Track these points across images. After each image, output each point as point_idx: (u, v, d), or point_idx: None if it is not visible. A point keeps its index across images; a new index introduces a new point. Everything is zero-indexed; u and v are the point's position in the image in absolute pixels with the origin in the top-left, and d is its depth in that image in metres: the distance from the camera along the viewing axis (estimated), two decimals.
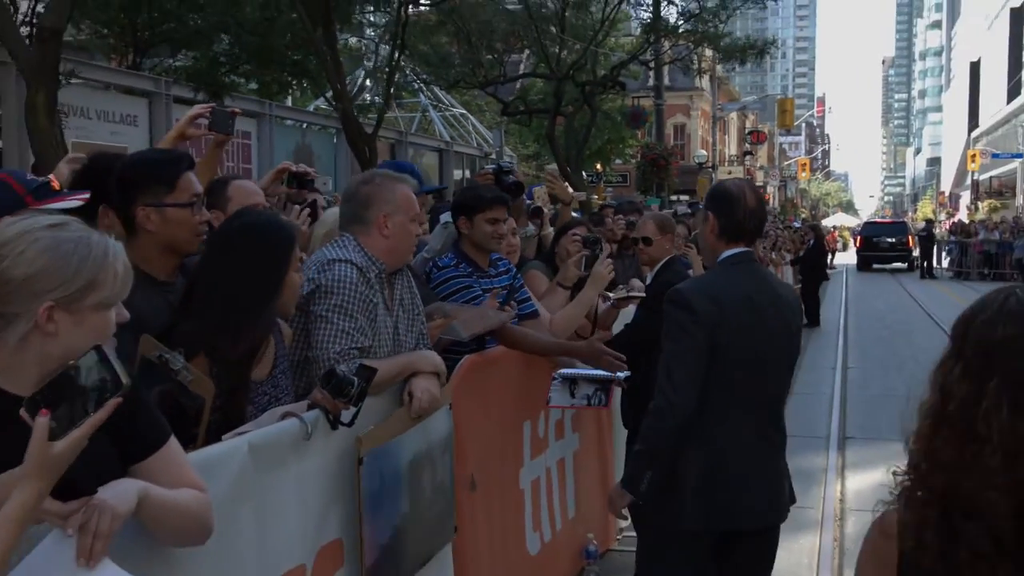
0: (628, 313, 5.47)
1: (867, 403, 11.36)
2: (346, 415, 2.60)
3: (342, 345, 2.89)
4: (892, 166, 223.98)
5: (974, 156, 54.68)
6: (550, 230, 6.18)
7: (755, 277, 3.37)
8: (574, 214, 6.60)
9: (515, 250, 4.86)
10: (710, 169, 46.11)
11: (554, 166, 6.60)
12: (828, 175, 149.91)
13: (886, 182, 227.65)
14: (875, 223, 40.34)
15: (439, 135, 30.90)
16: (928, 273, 34.02)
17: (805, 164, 58.82)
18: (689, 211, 12.53)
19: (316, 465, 2.56)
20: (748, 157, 57.37)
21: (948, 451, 1.48)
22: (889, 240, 37.82)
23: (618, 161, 40.52)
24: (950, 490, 1.47)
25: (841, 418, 10.38)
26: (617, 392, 4.37)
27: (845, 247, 53.64)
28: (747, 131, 55.36)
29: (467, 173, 30.47)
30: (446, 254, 4.24)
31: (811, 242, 20.53)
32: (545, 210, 6.64)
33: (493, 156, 29.42)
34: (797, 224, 28.56)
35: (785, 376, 3.47)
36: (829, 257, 37.75)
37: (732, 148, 66.03)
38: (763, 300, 3.31)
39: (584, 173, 30.16)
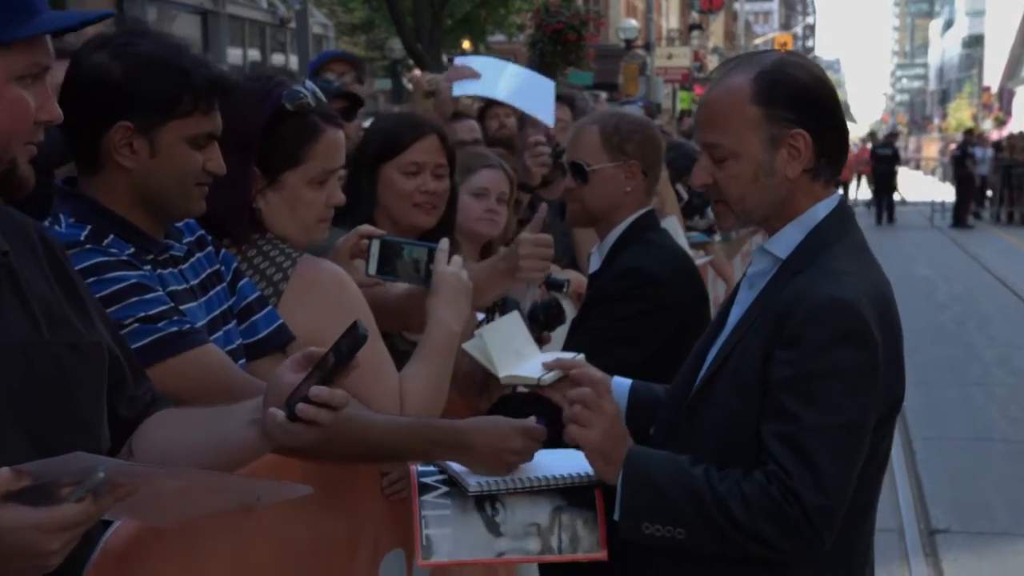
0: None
1: (951, 455, 10.80)
2: None
3: None
4: (908, 49, 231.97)
5: None
6: None
7: (868, 251, 3.28)
8: None
9: (496, 223, 5.10)
10: (642, 51, 46.16)
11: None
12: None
13: (899, 73, 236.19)
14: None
15: None
16: (960, 220, 35.64)
17: (785, 43, 59.13)
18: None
19: None
20: (697, 33, 57.95)
21: None
22: None
23: (499, 37, 40.78)
24: None
25: (915, 490, 9.68)
26: None
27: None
28: None
29: (250, 52, 28.87)
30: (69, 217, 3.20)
31: None
32: None
33: (293, 25, 28.18)
34: None
35: None
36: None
37: (672, 19, 66.69)
38: (894, 300, 3.23)
39: (445, 56, 29.34)
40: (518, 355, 3.75)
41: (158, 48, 2.99)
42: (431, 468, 3.34)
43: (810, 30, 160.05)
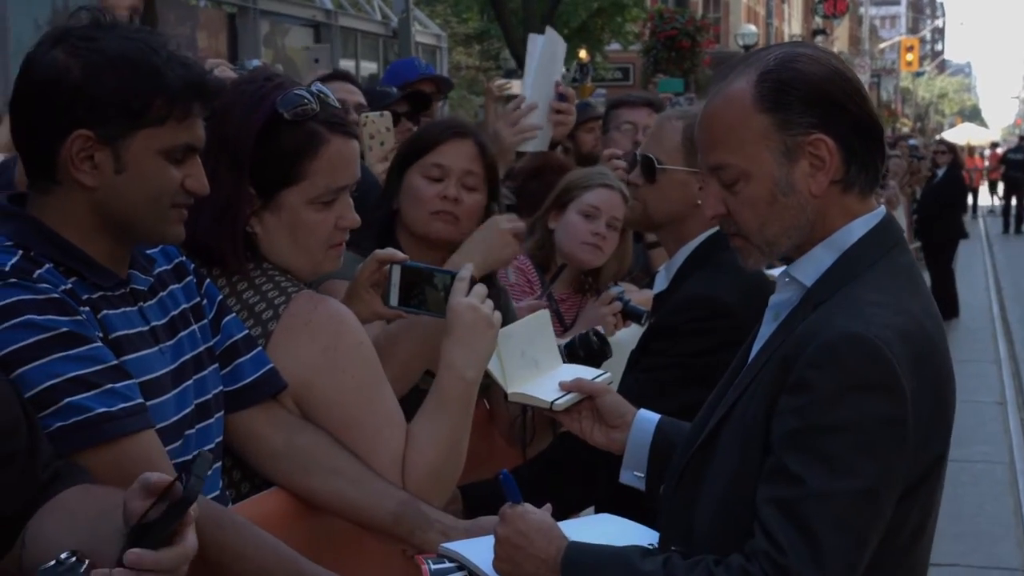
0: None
1: None
2: None
3: None
4: None
5: None
6: None
7: (916, 278, 2.83)
8: None
9: (601, 251, 4.92)
10: None
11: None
12: (943, 66, 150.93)
13: None
14: None
15: None
16: None
17: (912, 47, 58.09)
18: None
19: None
20: (821, 38, 57.46)
21: None
22: None
23: (615, 46, 40.69)
24: None
25: None
26: None
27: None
28: None
29: (364, 64, 28.73)
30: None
31: (939, 173, 20.16)
32: None
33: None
34: (915, 142, 27.05)
35: None
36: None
37: (795, 25, 66.21)
38: (941, 337, 2.77)
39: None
40: (535, 366, 3.35)
41: (125, 44, 2.57)
42: (445, 564, 2.86)
43: (939, 33, 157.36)
